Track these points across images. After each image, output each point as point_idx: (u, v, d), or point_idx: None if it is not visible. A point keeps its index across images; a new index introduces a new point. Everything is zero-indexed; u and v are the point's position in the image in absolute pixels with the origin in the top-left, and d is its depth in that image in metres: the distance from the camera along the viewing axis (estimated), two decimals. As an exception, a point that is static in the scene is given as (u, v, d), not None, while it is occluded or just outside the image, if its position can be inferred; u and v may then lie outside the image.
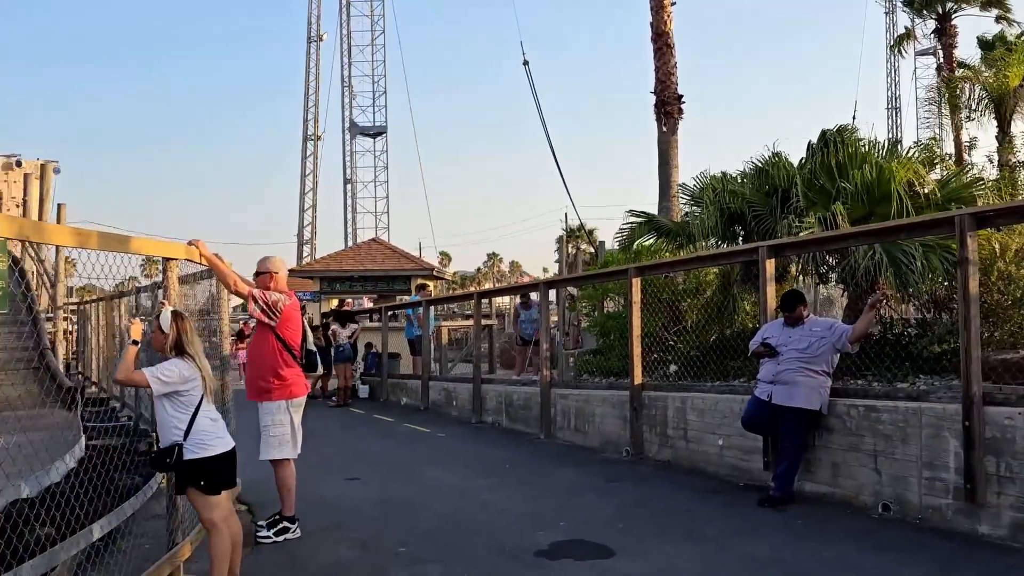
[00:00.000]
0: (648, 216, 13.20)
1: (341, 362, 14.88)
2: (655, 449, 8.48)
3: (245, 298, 5.64)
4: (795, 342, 6.50)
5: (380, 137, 49.45)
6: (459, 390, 12.95)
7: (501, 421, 11.65)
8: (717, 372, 9.48)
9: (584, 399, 9.70)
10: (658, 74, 15.78)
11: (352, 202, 49.58)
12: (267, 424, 5.73)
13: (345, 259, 21.91)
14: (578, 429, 9.80)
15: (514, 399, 11.31)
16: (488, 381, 12.17)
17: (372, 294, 22.15)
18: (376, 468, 8.64)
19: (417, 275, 20.91)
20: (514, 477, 7.90)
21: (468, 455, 9.37)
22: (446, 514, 6.48)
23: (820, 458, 6.51)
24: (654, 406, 8.51)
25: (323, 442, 10.66)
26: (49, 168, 25.76)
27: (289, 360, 5.74)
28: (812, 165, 10.28)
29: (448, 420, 12.59)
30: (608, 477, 7.76)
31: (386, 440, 10.71)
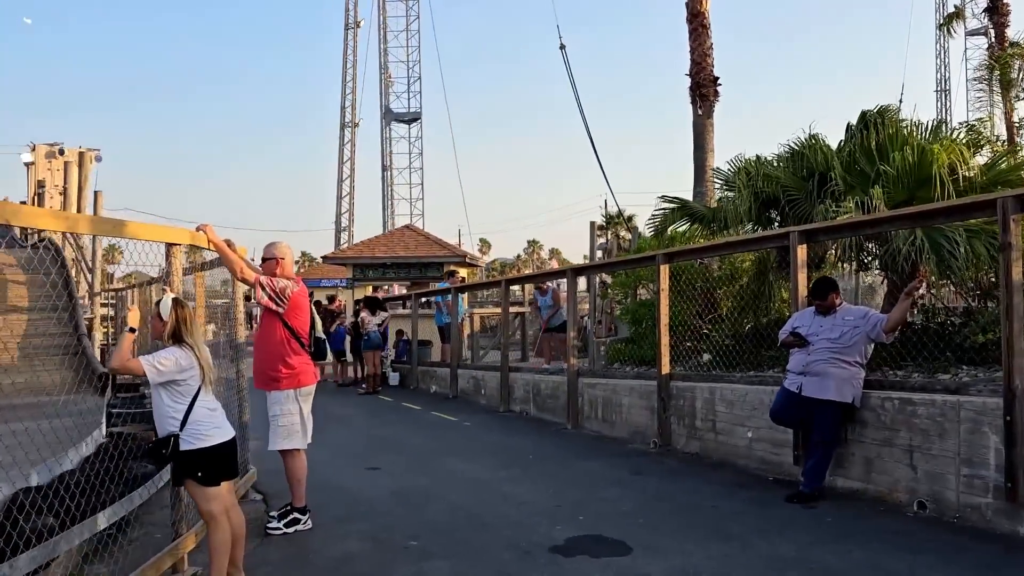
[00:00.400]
0: (681, 201, 12.87)
1: (370, 349, 14.83)
2: (683, 441, 8.24)
3: (252, 285, 5.53)
4: (827, 331, 6.22)
5: (415, 123, 49.44)
6: (487, 378, 12.81)
7: (529, 410, 11.48)
8: (751, 362, 9.20)
9: (611, 389, 9.49)
10: (693, 56, 15.37)
11: (389, 189, 49.70)
12: (276, 414, 5.62)
13: (378, 246, 21.85)
14: (605, 419, 9.60)
15: (541, 388, 11.13)
16: (516, 369, 12.01)
17: (405, 281, 22.07)
18: (398, 457, 8.53)
19: (450, 262, 20.78)
20: (536, 469, 7.73)
21: (492, 445, 9.22)
22: (462, 506, 6.33)
23: (853, 453, 6.23)
24: (682, 397, 8.26)
25: (348, 430, 10.61)
26: (88, 156, 26.12)
27: (297, 348, 5.62)
28: (851, 147, 9.88)
29: (476, 409, 12.46)
30: (633, 470, 7.55)
31: (411, 429, 10.61)
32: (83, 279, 22.09)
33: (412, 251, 21.24)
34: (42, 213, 3.17)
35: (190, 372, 4.16)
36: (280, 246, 5.79)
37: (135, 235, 4.13)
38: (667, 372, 8.50)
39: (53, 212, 3.33)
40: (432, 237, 22.75)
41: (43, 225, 3.18)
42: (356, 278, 21.52)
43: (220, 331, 7.41)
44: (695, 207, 12.64)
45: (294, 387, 5.61)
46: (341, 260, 21.58)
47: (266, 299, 5.50)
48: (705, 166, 15.25)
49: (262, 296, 5.49)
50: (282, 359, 5.58)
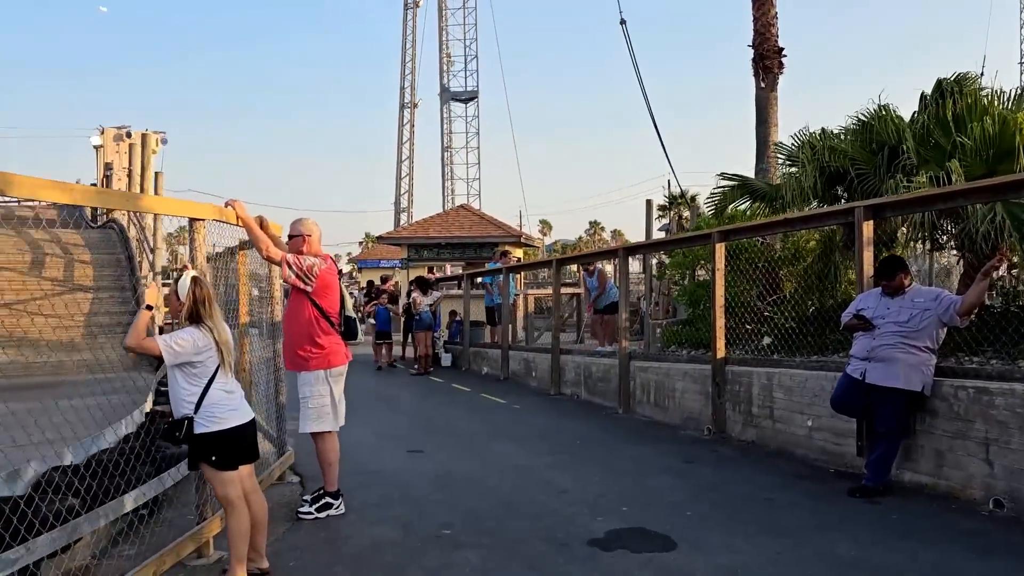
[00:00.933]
0: (741, 179, 12.37)
1: (422, 330, 14.71)
2: (738, 428, 7.87)
3: (278, 264, 5.36)
4: (894, 314, 5.78)
5: (471, 102, 49.19)
6: (538, 361, 12.56)
7: (580, 393, 11.20)
8: (815, 345, 8.75)
9: (664, 372, 9.14)
10: (756, 25, 14.73)
11: (447, 169, 49.68)
12: (306, 396, 5.46)
13: (432, 226, 21.77)
14: (658, 404, 9.26)
15: (593, 371, 10.83)
16: (567, 352, 11.72)
17: (459, 261, 21.96)
18: (443, 440, 8.35)
19: (505, 242, 20.58)
20: (583, 455, 7.46)
21: (540, 429, 8.98)
22: (503, 493, 6.11)
23: (922, 445, 5.80)
24: (738, 382, 7.88)
25: (396, 411, 10.49)
26: (151, 138, 26.59)
27: (327, 328, 5.44)
28: (924, 119, 9.28)
29: (526, 391, 12.23)
30: (685, 457, 7.22)
31: (459, 411, 10.44)
32: (145, 259, 22.58)
33: (467, 231, 21.10)
34: (44, 184, 3.02)
35: (207, 354, 4.00)
36: (307, 222, 5.60)
37: (151, 208, 3.98)
38: (722, 356, 8.12)
39: (56, 184, 3.16)
40: (487, 217, 22.56)
41: (45, 197, 3.04)
42: (411, 258, 21.49)
43: (261, 310, 7.30)
44: (756, 184, 12.13)
45: (324, 367, 5.44)
46: (396, 240, 21.56)
47: (293, 278, 5.33)
48: (768, 141, 14.65)
49: (289, 275, 5.32)
50: (311, 339, 5.41)
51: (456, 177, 49.01)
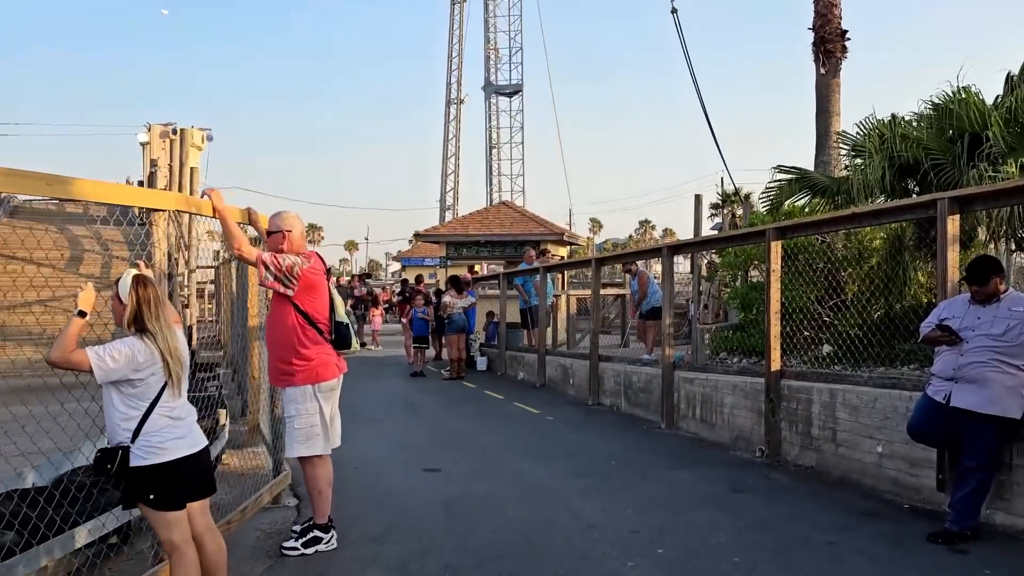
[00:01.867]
0: (799, 172, 11.44)
1: (454, 332, 14.03)
2: (795, 451, 7.00)
3: (254, 264, 4.70)
4: (986, 325, 4.89)
5: (516, 96, 48.45)
6: (576, 367, 11.78)
7: (619, 404, 10.40)
8: (881, 356, 7.86)
9: (712, 385, 8.30)
10: (817, 6, 13.70)
11: (492, 166, 49.05)
12: (291, 414, 4.79)
13: (472, 223, 21.10)
14: (704, 420, 8.43)
15: (634, 381, 10.02)
16: (607, 359, 10.92)
17: (499, 260, 21.25)
18: (464, 456, 7.64)
19: (547, 240, 19.83)
20: (617, 479, 6.68)
21: (572, 446, 8.21)
22: (522, 526, 5.37)
23: (1018, 482, 4.90)
24: (795, 399, 7.02)
25: (418, 420, 9.81)
26: (189, 133, 26.36)
27: (314, 336, 4.77)
28: (1012, 102, 8.30)
29: (562, 400, 11.46)
30: (733, 485, 6.39)
31: (488, 422, 9.72)
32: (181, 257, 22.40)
33: (507, 229, 20.39)
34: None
35: (149, 370, 3.34)
36: (287, 216, 4.94)
37: (82, 194, 3.33)
38: (777, 368, 7.26)
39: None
40: (528, 214, 21.83)
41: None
42: (449, 256, 20.86)
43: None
44: (816, 177, 11.19)
45: (311, 382, 4.76)
46: (434, 238, 20.96)
47: (271, 280, 4.67)
48: (829, 132, 13.63)
49: (265, 277, 4.66)
50: (294, 350, 4.74)
51: (501, 174, 48.36)
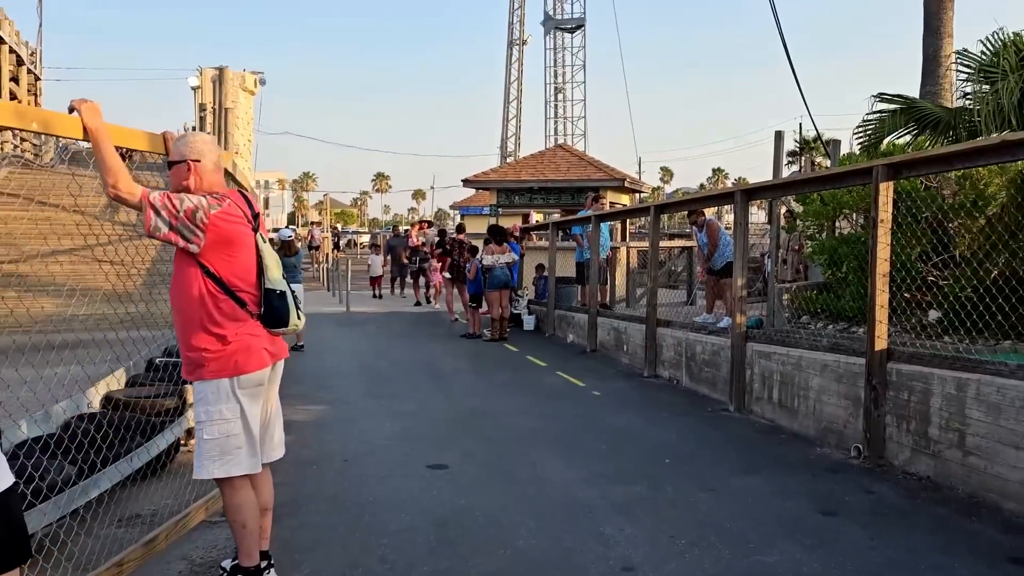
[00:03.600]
0: (905, 101, 9.57)
1: (495, 288, 12.61)
2: (904, 455, 5.42)
3: (136, 207, 3.30)
4: None
5: (578, 32, 45.91)
6: (631, 332, 10.26)
7: (680, 378, 8.87)
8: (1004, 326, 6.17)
9: (794, 363, 6.71)
10: (930, -95, 11.62)
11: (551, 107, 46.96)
12: (201, 420, 3.43)
13: (524, 168, 19.51)
14: (783, 404, 6.86)
15: (697, 351, 8.46)
16: (665, 324, 9.36)
17: (554, 208, 19.68)
18: (481, 447, 6.28)
19: (606, 186, 18.14)
20: (669, 487, 5.21)
21: (617, 434, 6.75)
22: (531, 555, 4.00)
23: None
24: (906, 387, 5.41)
25: (442, 395, 8.47)
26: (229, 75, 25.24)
27: (231, 309, 3.39)
28: None
29: (613, 371, 9.98)
30: (822, 502, 4.87)
31: (521, 397, 8.31)
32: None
33: (563, 174, 18.75)
34: None
35: None
36: (195, 142, 3.53)
37: None
38: (883, 347, 5.63)
39: None
40: (587, 158, 20.12)
41: None
42: (500, 204, 19.37)
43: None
44: (927, 107, 9.32)
45: (228, 374, 3.39)
46: (484, 184, 19.45)
47: (165, 231, 3.29)
48: (938, 57, 11.63)
49: (156, 227, 3.28)
50: (203, 329, 3.37)
51: (564, 116, 46.22)
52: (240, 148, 40.35)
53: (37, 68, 34.65)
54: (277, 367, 3.65)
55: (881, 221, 5.63)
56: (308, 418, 7.35)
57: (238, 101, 39.87)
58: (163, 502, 4.75)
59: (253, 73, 41.62)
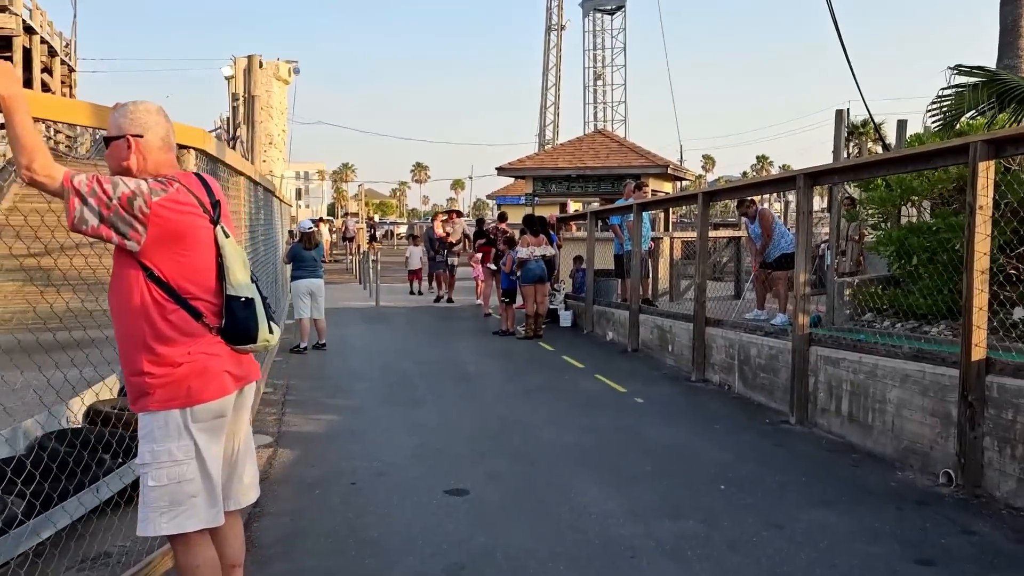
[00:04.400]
0: (987, 73, 8.59)
1: (530, 283, 11.85)
2: (1008, 485, 4.59)
3: (58, 194, 2.60)
4: None
5: (618, 13, 44.70)
6: (677, 331, 9.45)
7: (731, 383, 8.06)
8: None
9: (868, 371, 5.87)
10: None
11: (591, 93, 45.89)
12: (145, 463, 2.73)
13: (562, 155, 18.70)
14: (854, 418, 6.03)
15: (752, 354, 7.64)
16: (716, 323, 8.53)
17: (593, 197, 18.84)
18: (510, 467, 5.55)
19: (648, 173, 17.27)
20: (726, 521, 4.44)
21: (664, 452, 5.98)
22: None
23: None
24: (1012, 406, 4.57)
25: (469, 402, 7.75)
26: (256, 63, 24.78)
27: (182, 321, 2.70)
28: None
29: (657, 373, 9.18)
30: (914, 548, 4.07)
31: (556, 405, 7.57)
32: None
33: (603, 160, 17.92)
34: None
35: None
36: (136, 112, 2.79)
37: None
38: (981, 358, 4.79)
39: None
40: (627, 144, 19.25)
41: None
42: (536, 193, 18.60)
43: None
44: (1015, 80, 8.33)
45: (180, 404, 2.69)
46: (519, 172, 18.69)
47: (94, 224, 2.59)
48: (1020, 27, 10.60)
49: (82, 218, 2.58)
50: (146, 346, 2.68)
51: (603, 102, 45.15)
52: (274, 138, 40.19)
53: (71, 59, 34.64)
54: (246, 393, 2.94)
55: (980, 208, 4.78)
56: (319, 429, 6.69)
57: (272, 90, 39.75)
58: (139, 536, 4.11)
59: (287, 62, 41.41)
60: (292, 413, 7.18)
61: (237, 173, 5.61)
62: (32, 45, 27.07)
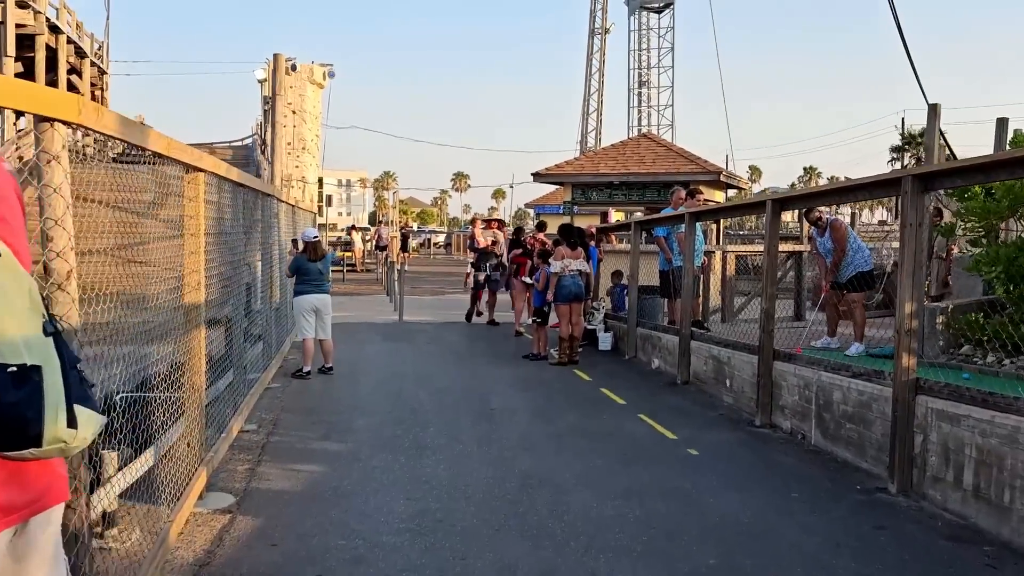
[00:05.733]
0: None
1: (565, 302, 10.55)
2: None
3: None
4: None
5: (666, 11, 43.16)
6: (736, 363, 8.08)
7: (806, 432, 6.68)
8: None
9: (1006, 435, 4.48)
10: None
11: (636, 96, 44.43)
12: None
13: (604, 160, 17.38)
14: (982, 494, 4.64)
15: (834, 399, 6.26)
16: (787, 357, 7.15)
17: (637, 206, 17.51)
18: (529, 553, 4.28)
19: (698, 180, 15.87)
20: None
21: (730, 533, 4.64)
22: None
23: None
24: None
25: (486, 449, 6.47)
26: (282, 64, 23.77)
27: None
28: None
29: (712, 413, 7.83)
30: None
31: (592, 456, 6.26)
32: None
33: (648, 166, 16.59)
34: None
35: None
36: None
37: None
38: None
39: None
40: (676, 148, 17.88)
41: None
42: (576, 201, 17.32)
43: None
44: None
45: None
46: (557, 178, 17.43)
47: None
48: None
49: None
50: None
51: (648, 106, 43.65)
52: (307, 143, 39.41)
53: (103, 62, 34.13)
54: (29, 531, 1.70)
55: None
56: (296, 487, 5.46)
57: (305, 94, 38.99)
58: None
59: (322, 65, 40.61)
60: (270, 461, 5.97)
61: (173, 162, 4.45)
62: (58, 45, 26.40)
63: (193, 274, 5.10)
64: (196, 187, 5.10)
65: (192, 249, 5.09)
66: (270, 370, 8.96)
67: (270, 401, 8.11)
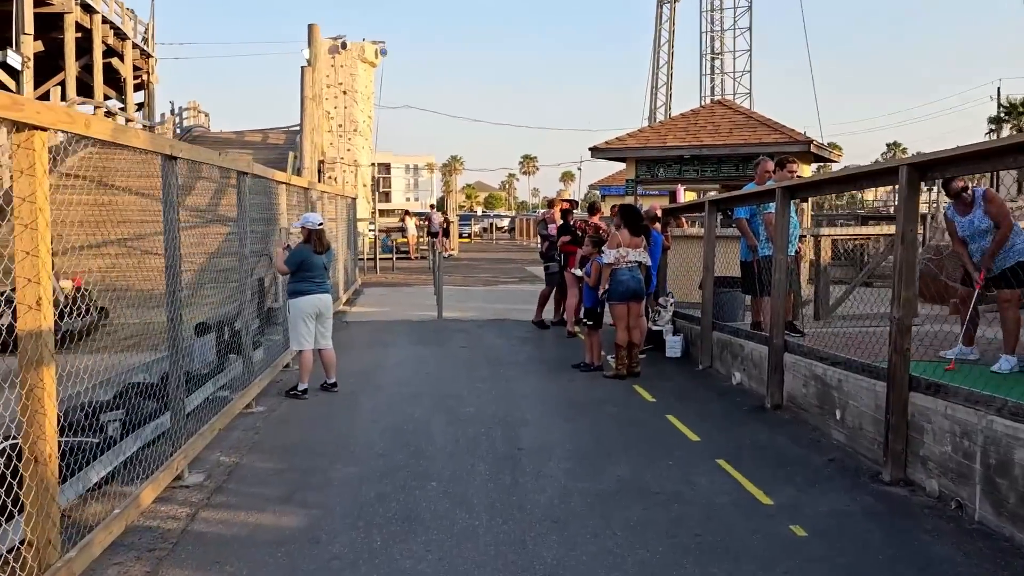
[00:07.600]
0: None
1: (620, 300, 8.61)
2: None
3: None
4: None
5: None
6: (851, 388, 6.04)
7: (967, 500, 4.66)
8: None
9: None
10: None
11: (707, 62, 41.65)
12: None
13: (672, 131, 15.29)
14: None
15: (1016, 458, 4.24)
16: (931, 389, 5.11)
17: (711, 183, 15.39)
18: None
19: (785, 151, 13.66)
20: None
21: None
22: None
23: None
24: None
25: (505, 517, 4.62)
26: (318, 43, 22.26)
27: None
28: None
29: (819, 459, 5.83)
30: None
31: (651, 539, 4.38)
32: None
33: (725, 138, 14.45)
34: None
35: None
36: None
37: None
38: None
39: None
40: (756, 116, 15.66)
41: None
42: (639, 179, 15.28)
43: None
44: None
45: None
46: (617, 152, 15.39)
47: None
48: None
49: None
50: None
51: (722, 72, 40.87)
52: (359, 124, 37.98)
53: (149, 46, 33.18)
54: None
55: None
56: None
57: (356, 73, 37.51)
58: None
59: (373, 43, 39.08)
60: (190, 543, 4.26)
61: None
62: (93, 25, 25.33)
63: (31, 285, 3.39)
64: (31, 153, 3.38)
65: (26, 248, 3.38)
66: (250, 389, 7.28)
67: (242, 434, 6.45)
